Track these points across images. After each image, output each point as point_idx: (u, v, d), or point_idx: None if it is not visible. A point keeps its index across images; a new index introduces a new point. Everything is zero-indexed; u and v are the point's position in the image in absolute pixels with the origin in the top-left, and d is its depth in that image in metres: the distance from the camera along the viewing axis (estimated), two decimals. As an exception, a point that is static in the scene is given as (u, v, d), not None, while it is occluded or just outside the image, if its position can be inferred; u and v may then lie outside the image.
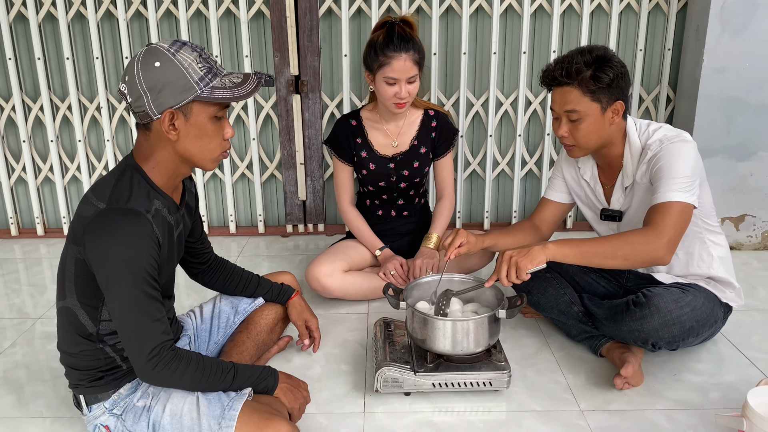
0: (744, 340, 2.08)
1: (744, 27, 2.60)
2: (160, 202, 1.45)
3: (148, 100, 1.35)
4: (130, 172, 1.43)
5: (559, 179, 2.10)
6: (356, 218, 2.50)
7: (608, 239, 1.73)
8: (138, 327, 1.37)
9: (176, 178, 1.49)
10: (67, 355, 1.52)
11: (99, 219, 1.35)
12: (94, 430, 1.53)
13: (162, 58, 1.34)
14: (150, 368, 1.38)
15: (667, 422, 1.69)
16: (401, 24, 2.24)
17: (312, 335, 1.99)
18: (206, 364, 1.46)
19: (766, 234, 2.86)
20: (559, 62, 1.80)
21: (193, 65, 1.36)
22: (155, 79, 1.34)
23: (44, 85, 2.96)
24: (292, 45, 2.87)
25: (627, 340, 1.85)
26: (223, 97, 1.38)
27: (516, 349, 2.06)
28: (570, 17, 2.92)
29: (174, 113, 1.37)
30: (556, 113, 1.85)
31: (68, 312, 1.47)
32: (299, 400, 1.59)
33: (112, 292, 1.36)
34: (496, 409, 1.76)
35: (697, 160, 1.77)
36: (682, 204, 1.70)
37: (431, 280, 1.97)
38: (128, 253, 1.34)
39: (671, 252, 1.70)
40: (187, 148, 1.42)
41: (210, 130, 1.42)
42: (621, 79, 1.78)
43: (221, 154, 1.48)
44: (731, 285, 1.93)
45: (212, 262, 1.87)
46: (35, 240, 3.19)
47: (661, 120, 3.00)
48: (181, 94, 1.35)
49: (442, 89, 3.00)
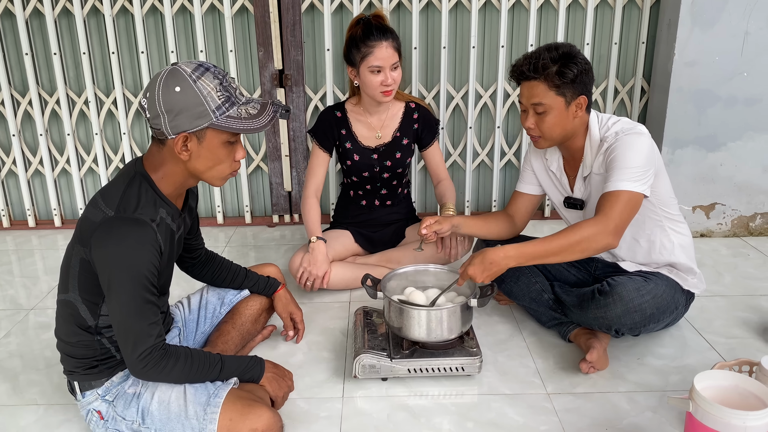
0: (706, 324, 2.19)
1: (713, 21, 2.68)
2: (165, 210, 1.52)
3: (164, 121, 1.41)
4: (139, 180, 1.50)
5: (529, 171, 2.18)
6: (311, 207, 2.48)
7: (562, 235, 1.80)
8: (134, 329, 1.45)
9: (182, 188, 1.57)
10: (64, 344, 1.60)
11: (107, 226, 1.43)
12: (87, 416, 1.62)
13: (183, 84, 1.39)
14: (141, 366, 1.46)
15: (628, 404, 1.79)
16: (375, 17, 2.33)
17: (296, 327, 2.09)
18: (194, 359, 1.54)
19: (736, 222, 2.97)
20: (528, 58, 1.89)
21: (212, 93, 1.41)
22: (174, 102, 1.40)
23: (32, 80, 3.01)
24: (276, 40, 2.93)
25: (593, 327, 1.96)
26: (237, 128, 1.44)
27: (490, 335, 2.15)
28: (547, 11, 2.99)
29: (188, 136, 1.43)
30: (524, 106, 1.94)
31: (69, 305, 1.55)
32: (284, 389, 1.67)
33: (112, 294, 1.44)
34: (467, 393, 1.86)
35: (650, 152, 1.85)
36: (629, 193, 1.79)
37: (407, 270, 2.06)
38: (131, 261, 1.42)
39: (618, 237, 1.79)
40: (197, 167, 1.49)
41: (222, 154, 1.48)
42: (585, 75, 1.87)
43: (230, 174, 1.54)
44: (693, 271, 2.02)
45: (203, 256, 1.95)
46: (27, 231, 3.26)
47: (635, 112, 3.09)
48: (197, 120, 1.41)
49: (423, 82, 3.07)
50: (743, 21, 2.67)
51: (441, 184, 2.62)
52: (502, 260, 1.80)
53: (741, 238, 2.98)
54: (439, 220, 2.11)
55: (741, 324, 2.19)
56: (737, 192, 2.91)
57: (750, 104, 2.78)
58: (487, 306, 2.26)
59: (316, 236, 2.42)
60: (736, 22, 2.67)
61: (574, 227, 1.81)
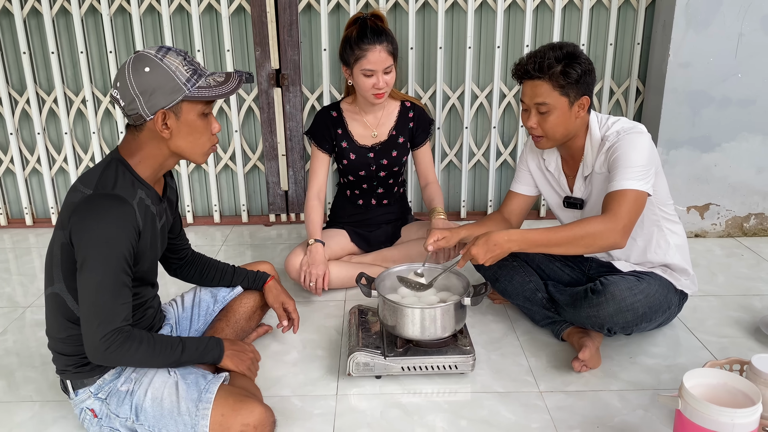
0: (698, 324, 2.20)
1: (708, 23, 2.69)
2: (144, 192, 1.54)
3: (140, 103, 1.46)
4: (115, 164, 1.53)
5: (524, 171, 2.19)
6: (312, 210, 2.50)
7: (568, 227, 1.82)
8: (103, 307, 1.44)
9: (161, 171, 1.60)
10: (54, 341, 1.61)
11: (86, 203, 1.45)
12: (81, 414, 1.62)
13: (151, 64, 1.45)
14: (103, 348, 1.45)
15: (619, 402, 1.80)
16: (372, 18, 2.33)
17: (290, 317, 2.04)
18: (156, 342, 1.53)
19: (730, 222, 2.98)
20: (532, 57, 1.89)
21: (179, 68, 1.47)
22: (146, 83, 1.44)
23: (30, 79, 3.02)
24: (273, 39, 2.95)
25: (585, 325, 1.97)
26: (209, 95, 1.49)
27: (484, 333, 2.17)
28: (543, 12, 3.00)
29: (166, 113, 1.48)
30: (526, 105, 1.94)
31: (56, 298, 1.56)
32: (246, 362, 1.70)
33: (86, 269, 1.44)
34: (461, 391, 1.87)
35: (651, 151, 1.87)
36: (636, 192, 1.80)
37: (402, 269, 2.07)
38: (109, 235, 1.44)
39: (626, 236, 1.80)
40: (179, 144, 1.53)
41: (199, 126, 1.53)
42: (588, 75, 1.88)
43: (210, 148, 1.60)
44: (686, 272, 2.04)
45: (189, 257, 1.96)
46: (24, 230, 3.27)
47: (631, 112, 3.10)
48: (171, 95, 1.46)
49: (419, 82, 3.09)
50: (737, 22, 2.68)
51: (429, 186, 2.62)
52: (505, 243, 1.81)
53: (735, 238, 2.99)
54: (447, 237, 2.04)
55: (733, 323, 2.21)
56: (731, 192, 2.93)
57: (744, 105, 2.79)
58: (481, 305, 2.27)
59: (314, 239, 2.43)
60: (731, 24, 2.69)
61: (582, 222, 1.82)
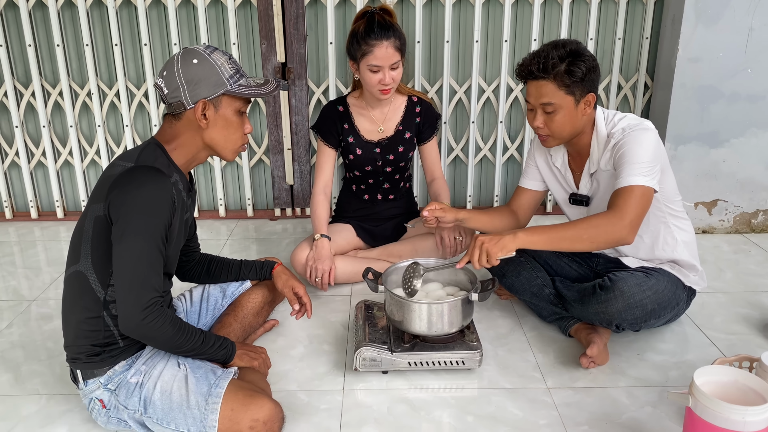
0: (707, 320, 2.19)
1: (717, 18, 2.67)
2: (177, 176, 1.58)
3: (184, 91, 1.53)
4: (153, 146, 1.58)
5: (532, 167, 2.18)
6: (318, 205, 2.49)
7: (574, 224, 1.82)
8: (141, 276, 1.47)
9: (192, 163, 1.65)
10: (69, 326, 1.60)
11: (127, 174, 1.50)
12: (90, 404, 1.63)
13: (199, 57, 1.54)
14: (141, 318, 1.46)
15: (627, 398, 1.80)
16: (380, 13, 2.31)
17: (301, 300, 2.00)
18: (183, 326, 1.56)
19: (738, 218, 2.97)
20: (535, 56, 1.87)
21: (225, 65, 1.55)
22: (193, 73, 1.53)
23: (35, 72, 3.01)
24: (279, 33, 2.93)
25: (593, 322, 1.96)
26: (249, 93, 1.58)
27: (490, 329, 2.16)
28: (550, 6, 2.98)
29: (206, 104, 1.55)
30: (532, 105, 1.93)
31: (78, 276, 1.55)
32: (257, 359, 1.73)
33: (125, 239, 1.46)
34: (468, 387, 1.86)
35: (657, 147, 1.86)
36: (643, 187, 1.79)
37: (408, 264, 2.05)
38: (152, 204, 1.48)
39: (634, 232, 1.79)
40: (213, 136, 1.60)
41: (234, 122, 1.61)
42: (592, 72, 1.86)
43: (241, 146, 1.67)
44: (695, 268, 2.03)
45: (198, 258, 1.97)
46: (29, 223, 3.27)
47: (639, 107, 3.09)
48: (214, 87, 1.54)
49: (426, 76, 3.07)
50: (747, 17, 2.66)
51: (435, 182, 2.61)
52: (510, 237, 1.79)
53: (743, 234, 2.98)
54: (445, 209, 2.12)
55: (742, 320, 2.20)
56: (739, 188, 2.91)
57: (753, 101, 2.77)
58: (488, 300, 2.27)
59: (320, 234, 2.43)
60: (741, 19, 2.66)
61: (589, 218, 1.81)
